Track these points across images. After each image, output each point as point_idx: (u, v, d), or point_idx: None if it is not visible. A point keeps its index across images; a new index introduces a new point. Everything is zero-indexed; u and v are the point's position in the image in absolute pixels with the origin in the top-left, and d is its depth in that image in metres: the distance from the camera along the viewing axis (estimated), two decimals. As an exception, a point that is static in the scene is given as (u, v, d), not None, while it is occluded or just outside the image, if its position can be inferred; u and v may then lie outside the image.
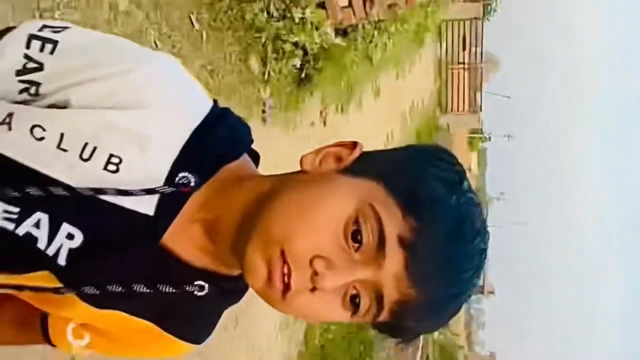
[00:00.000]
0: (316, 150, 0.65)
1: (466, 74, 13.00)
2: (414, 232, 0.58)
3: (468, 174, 0.66)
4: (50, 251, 0.62)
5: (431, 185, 0.60)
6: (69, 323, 0.72)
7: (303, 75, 4.03)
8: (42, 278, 0.64)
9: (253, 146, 0.73)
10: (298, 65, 3.88)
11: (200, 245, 0.66)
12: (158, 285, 0.65)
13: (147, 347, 0.73)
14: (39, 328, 0.74)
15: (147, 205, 0.63)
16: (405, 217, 0.59)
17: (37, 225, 0.61)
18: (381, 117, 7.13)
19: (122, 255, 0.64)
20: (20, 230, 0.61)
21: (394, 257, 0.58)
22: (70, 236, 0.62)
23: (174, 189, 0.63)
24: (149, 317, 0.70)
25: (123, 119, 0.63)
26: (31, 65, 0.63)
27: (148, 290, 0.65)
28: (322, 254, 0.59)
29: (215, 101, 0.70)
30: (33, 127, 0.61)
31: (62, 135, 0.61)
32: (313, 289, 0.59)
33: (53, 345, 0.74)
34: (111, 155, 0.62)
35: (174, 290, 0.66)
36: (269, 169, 0.71)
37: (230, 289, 0.70)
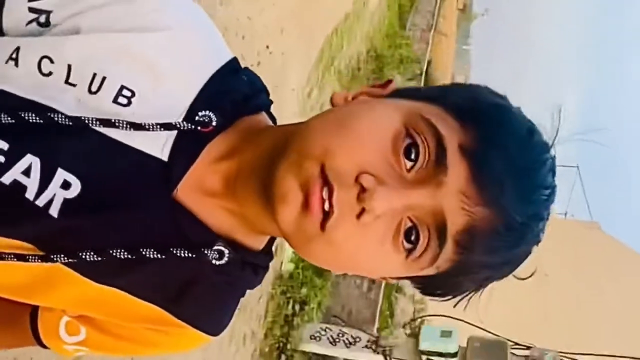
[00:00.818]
0: (348, 91, 0.58)
1: None
2: (478, 139, 0.48)
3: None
4: (41, 202, 0.53)
5: (489, 97, 0.53)
6: (63, 317, 0.62)
7: None
8: (22, 246, 0.54)
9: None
10: None
11: (221, 203, 0.57)
12: (171, 249, 0.55)
13: (155, 340, 0.62)
14: (28, 327, 0.63)
15: (160, 148, 0.55)
16: (465, 125, 0.49)
17: (27, 172, 0.52)
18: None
19: (127, 209, 0.55)
20: (7, 179, 0.52)
21: (458, 170, 0.48)
22: (65, 185, 0.53)
23: (194, 127, 0.55)
24: (156, 299, 0.59)
25: (138, 43, 0.55)
26: None
27: (159, 256, 0.55)
28: (370, 171, 0.48)
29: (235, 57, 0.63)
30: (41, 59, 0.54)
31: (69, 67, 0.54)
32: (360, 213, 0.48)
33: (44, 347, 0.64)
34: (122, 87, 0.55)
35: (189, 255, 0.55)
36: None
37: (252, 263, 0.60)
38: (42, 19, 0.57)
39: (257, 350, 3.87)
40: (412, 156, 0.50)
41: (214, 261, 0.57)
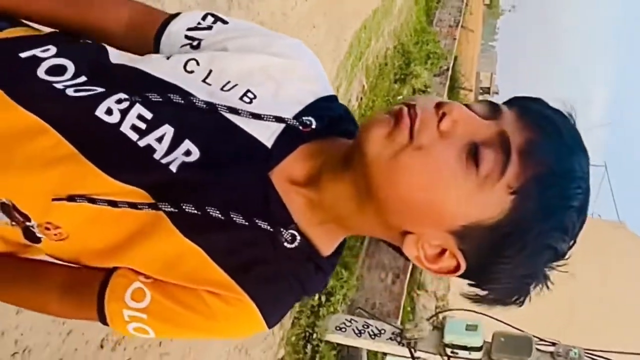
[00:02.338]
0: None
1: None
2: (520, 107, 0.63)
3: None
4: (164, 161, 0.63)
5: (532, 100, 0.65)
6: (133, 282, 0.66)
7: None
8: (136, 194, 0.63)
9: None
10: None
11: (303, 191, 0.66)
12: (255, 219, 0.63)
13: (215, 310, 0.64)
14: (95, 293, 0.66)
15: (267, 137, 0.66)
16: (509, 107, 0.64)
17: (160, 139, 0.63)
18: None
19: (230, 177, 0.64)
20: (142, 142, 0.63)
21: (508, 115, 0.61)
22: (187, 152, 0.64)
23: (298, 124, 0.67)
24: (227, 265, 0.64)
25: (269, 63, 0.70)
26: (202, 26, 0.73)
27: (244, 222, 0.63)
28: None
29: None
30: (188, 60, 0.69)
31: (210, 72, 0.68)
32: (440, 119, 0.59)
33: (103, 321, 0.67)
34: (248, 91, 0.68)
35: (268, 228, 0.63)
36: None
37: (316, 263, 0.66)
38: (195, 43, 0.73)
39: (284, 339, 3.95)
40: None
41: (285, 243, 0.64)
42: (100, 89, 0.66)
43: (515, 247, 0.59)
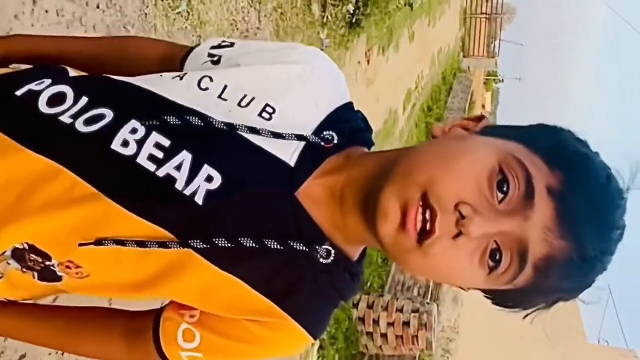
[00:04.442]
0: (444, 123, 0.66)
1: (487, 23, 14.98)
2: (564, 183, 0.56)
3: (482, 112, 1.00)
4: (188, 192, 0.61)
5: (574, 144, 0.60)
6: (181, 325, 0.68)
7: (354, 19, 4.61)
8: (164, 234, 0.62)
9: None
10: (351, 11, 4.50)
11: (325, 211, 0.65)
12: (289, 242, 0.62)
13: (262, 337, 0.67)
14: (151, 339, 0.70)
15: (289, 155, 0.64)
16: (552, 169, 0.57)
17: (179, 167, 0.61)
18: (414, 59, 8.01)
19: (257, 203, 0.63)
20: (161, 172, 0.61)
21: (544, 208, 0.56)
22: (209, 179, 0.62)
23: (320, 141, 0.65)
24: (268, 291, 0.65)
25: (284, 71, 0.68)
26: (225, 44, 0.74)
27: (279, 247, 0.62)
28: (467, 201, 0.56)
29: None
30: (202, 78, 0.67)
31: (225, 87, 0.66)
32: (457, 236, 0.56)
33: (164, 358, 0.70)
34: (267, 105, 0.66)
35: (304, 249, 0.63)
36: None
37: (350, 270, 0.67)
38: (215, 59, 0.73)
39: None
40: (504, 189, 0.57)
41: (321, 260, 0.64)
42: (108, 113, 0.64)
43: (527, 302, 0.63)
